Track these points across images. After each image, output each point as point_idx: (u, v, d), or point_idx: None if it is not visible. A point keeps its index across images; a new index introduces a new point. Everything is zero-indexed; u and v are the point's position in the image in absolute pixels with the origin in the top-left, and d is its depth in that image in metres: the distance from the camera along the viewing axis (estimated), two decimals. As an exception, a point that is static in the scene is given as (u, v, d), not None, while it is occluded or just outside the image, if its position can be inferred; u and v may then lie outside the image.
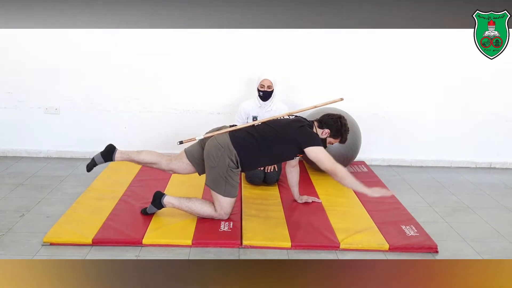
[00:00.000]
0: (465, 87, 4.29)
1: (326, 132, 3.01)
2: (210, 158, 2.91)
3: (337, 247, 2.79)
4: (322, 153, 2.84)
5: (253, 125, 3.04)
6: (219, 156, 2.87)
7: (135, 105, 4.24)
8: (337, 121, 3.01)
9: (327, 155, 2.84)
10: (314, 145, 2.85)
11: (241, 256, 2.69)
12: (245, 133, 2.96)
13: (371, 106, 4.32)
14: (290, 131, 2.92)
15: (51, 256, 2.60)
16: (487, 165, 4.53)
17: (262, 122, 3.07)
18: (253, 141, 2.91)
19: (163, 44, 4.09)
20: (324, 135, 3.02)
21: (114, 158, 3.06)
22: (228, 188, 2.92)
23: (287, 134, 2.91)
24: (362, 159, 4.38)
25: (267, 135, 2.93)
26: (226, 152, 2.87)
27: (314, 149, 2.84)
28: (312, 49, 4.15)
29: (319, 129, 3.02)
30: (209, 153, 2.92)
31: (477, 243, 2.94)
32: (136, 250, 2.69)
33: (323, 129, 3.01)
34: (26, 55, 4.07)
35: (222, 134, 2.97)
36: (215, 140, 2.94)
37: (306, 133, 2.91)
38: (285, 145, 2.93)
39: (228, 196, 2.93)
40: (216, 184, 2.92)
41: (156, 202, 3.00)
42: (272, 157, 3.01)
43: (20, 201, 3.28)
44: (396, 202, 3.45)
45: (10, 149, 4.31)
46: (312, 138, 2.89)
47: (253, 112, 3.74)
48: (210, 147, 2.94)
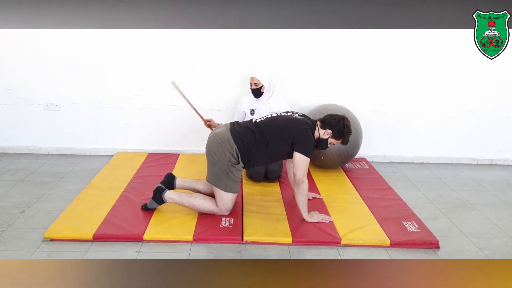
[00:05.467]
0: (466, 84, 4.28)
1: (328, 132, 2.99)
2: (211, 154, 2.92)
3: (338, 243, 2.78)
4: (305, 163, 2.87)
5: (254, 121, 3.04)
6: (220, 152, 2.88)
7: (136, 102, 4.23)
8: (340, 122, 2.99)
9: (306, 167, 2.89)
10: (304, 154, 2.87)
11: (242, 251, 2.68)
12: (245, 128, 2.96)
13: (372, 103, 4.31)
14: (292, 130, 2.90)
15: (52, 252, 2.59)
16: (488, 162, 4.52)
17: (265, 117, 3.05)
18: (252, 137, 2.91)
19: (164, 42, 4.08)
20: (326, 136, 3.00)
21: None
22: (229, 183, 2.92)
23: (287, 133, 2.90)
24: (363, 155, 4.38)
25: (266, 132, 2.93)
26: (227, 147, 2.87)
27: (301, 157, 2.86)
28: (313, 47, 4.15)
29: (321, 129, 3.00)
30: (210, 149, 2.93)
31: (478, 239, 2.93)
32: (137, 245, 2.69)
33: (325, 129, 2.99)
34: (27, 52, 4.06)
35: (222, 130, 2.97)
36: (216, 135, 2.94)
37: (306, 140, 2.90)
38: (282, 144, 2.92)
39: (229, 192, 2.93)
40: (218, 179, 2.92)
41: (157, 198, 3.00)
42: (268, 154, 2.98)
43: (20, 197, 3.28)
44: (397, 198, 3.45)
45: (10, 146, 4.30)
46: (308, 146, 2.89)
47: (251, 105, 3.78)
48: (211, 143, 2.95)
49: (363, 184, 3.73)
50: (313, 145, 2.94)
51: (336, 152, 3.78)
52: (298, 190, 2.91)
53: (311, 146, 2.92)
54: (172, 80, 3.36)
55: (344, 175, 3.90)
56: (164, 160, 4.11)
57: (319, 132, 3.00)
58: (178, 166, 3.98)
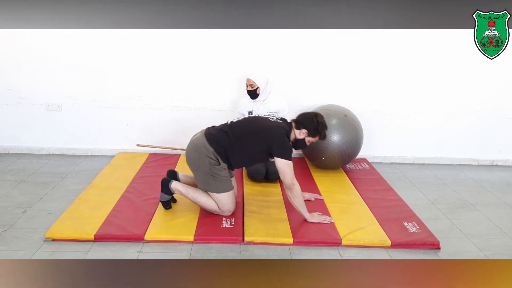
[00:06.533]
0: (466, 85, 4.28)
1: (303, 132, 3.00)
2: (191, 162, 2.98)
3: (339, 244, 2.79)
4: (288, 167, 2.87)
5: (230, 122, 3.05)
6: (198, 157, 2.92)
7: (137, 102, 4.24)
8: (313, 120, 3.00)
9: (291, 170, 2.88)
10: (285, 158, 2.86)
11: (243, 252, 2.69)
12: (220, 131, 2.99)
13: (373, 103, 4.31)
14: (269, 134, 2.91)
15: (53, 252, 2.60)
16: (489, 163, 4.52)
17: (241, 119, 3.09)
18: (226, 138, 2.93)
19: (165, 43, 4.08)
20: (302, 136, 3.01)
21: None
22: (219, 184, 2.94)
23: (262, 136, 2.91)
24: (364, 156, 4.38)
25: (242, 135, 2.94)
26: (204, 151, 2.91)
27: (283, 161, 2.86)
28: (313, 47, 4.14)
29: (296, 129, 3.01)
30: (189, 157, 2.99)
31: (479, 239, 2.94)
32: (138, 246, 2.70)
33: (301, 130, 3.00)
34: (28, 52, 4.07)
35: (198, 136, 3.01)
36: (192, 143, 3.00)
37: (283, 144, 2.90)
38: (258, 147, 2.93)
39: (222, 192, 2.95)
40: (206, 184, 2.96)
41: (165, 189, 3.03)
42: (246, 155, 2.98)
43: (22, 198, 3.29)
44: (398, 199, 3.45)
45: (12, 146, 4.31)
46: (286, 150, 2.90)
47: (249, 107, 3.79)
48: (188, 151, 3.01)
49: (364, 184, 3.73)
50: (290, 147, 2.95)
51: (337, 153, 3.78)
52: (292, 194, 2.92)
53: (288, 149, 2.92)
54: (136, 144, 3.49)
55: (345, 176, 3.90)
56: (165, 161, 4.12)
57: (295, 133, 3.01)
58: (179, 167, 3.98)
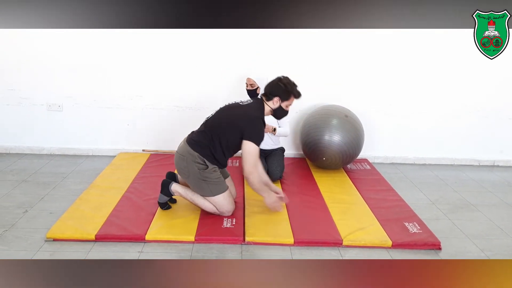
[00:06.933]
0: (466, 85, 4.28)
1: (276, 100, 2.97)
2: (181, 171, 2.99)
3: (340, 244, 2.79)
4: (254, 152, 2.85)
5: (205, 120, 3.05)
6: (186, 165, 2.93)
7: (138, 102, 4.24)
8: (279, 85, 2.96)
9: (255, 157, 2.87)
10: (253, 141, 2.85)
11: (244, 252, 2.69)
12: (198, 133, 3.00)
13: (374, 103, 4.31)
14: (241, 120, 2.89)
15: (54, 252, 2.60)
16: (490, 163, 4.52)
17: (213, 114, 3.05)
18: (206, 137, 2.93)
19: (166, 43, 4.09)
20: (275, 104, 2.98)
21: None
22: (212, 187, 2.94)
23: (237, 124, 2.88)
24: (365, 156, 4.38)
25: (217, 128, 2.93)
26: (190, 158, 2.91)
27: (250, 144, 2.84)
28: (313, 47, 4.15)
29: (268, 101, 2.98)
30: (179, 167, 3.00)
31: (480, 240, 2.93)
32: (139, 246, 2.70)
33: (272, 99, 2.97)
34: (29, 52, 4.08)
35: (181, 144, 3.03)
36: (177, 153, 3.01)
37: (253, 127, 2.88)
38: (235, 135, 2.89)
39: (217, 194, 2.95)
40: (200, 189, 2.96)
41: (165, 191, 3.04)
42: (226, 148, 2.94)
43: (23, 197, 3.29)
44: (399, 199, 3.45)
45: (13, 146, 4.32)
46: (256, 134, 2.88)
47: None
48: (176, 161, 3.02)
49: (365, 185, 3.73)
50: (261, 132, 2.92)
51: (338, 153, 3.78)
52: (249, 182, 2.93)
53: (259, 133, 2.90)
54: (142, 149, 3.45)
55: (345, 176, 3.90)
56: (166, 161, 4.11)
57: (269, 105, 2.99)
58: (180, 167, 3.98)
